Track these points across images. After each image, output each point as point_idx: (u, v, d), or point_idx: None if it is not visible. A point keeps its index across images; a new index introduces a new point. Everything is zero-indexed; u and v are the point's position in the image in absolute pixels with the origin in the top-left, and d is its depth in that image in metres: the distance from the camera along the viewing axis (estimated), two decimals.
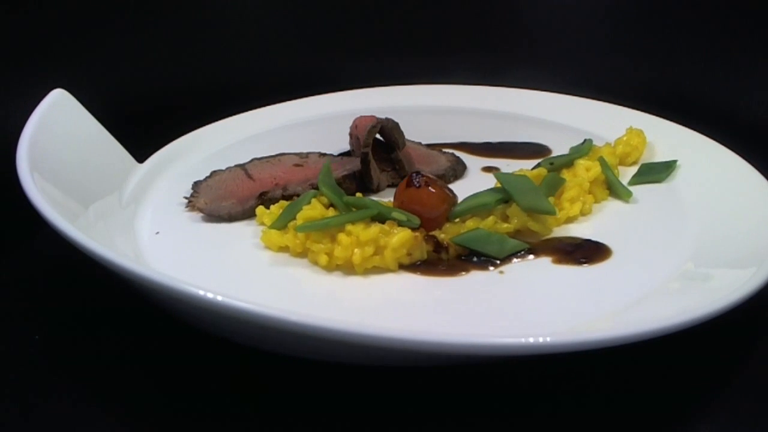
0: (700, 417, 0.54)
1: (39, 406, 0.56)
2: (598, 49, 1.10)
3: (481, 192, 0.72)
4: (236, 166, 0.84)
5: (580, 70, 1.08)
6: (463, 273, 0.65)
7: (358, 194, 0.74)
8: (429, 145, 0.91)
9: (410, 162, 0.84)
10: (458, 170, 0.84)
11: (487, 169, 0.86)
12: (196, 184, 0.80)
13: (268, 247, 0.68)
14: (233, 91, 0.99)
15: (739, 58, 0.99)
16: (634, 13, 1.08)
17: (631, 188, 0.79)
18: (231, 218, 0.74)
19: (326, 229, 0.65)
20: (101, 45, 0.95)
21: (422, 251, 0.65)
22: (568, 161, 0.80)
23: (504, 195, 0.70)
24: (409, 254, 0.65)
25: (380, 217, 0.67)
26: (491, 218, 0.69)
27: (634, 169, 0.84)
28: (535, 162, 0.84)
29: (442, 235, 0.67)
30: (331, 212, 0.68)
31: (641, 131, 0.89)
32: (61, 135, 0.73)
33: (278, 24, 1.11)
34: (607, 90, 0.99)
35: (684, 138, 0.89)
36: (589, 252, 0.68)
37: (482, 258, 0.66)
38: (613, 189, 0.79)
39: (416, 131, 0.91)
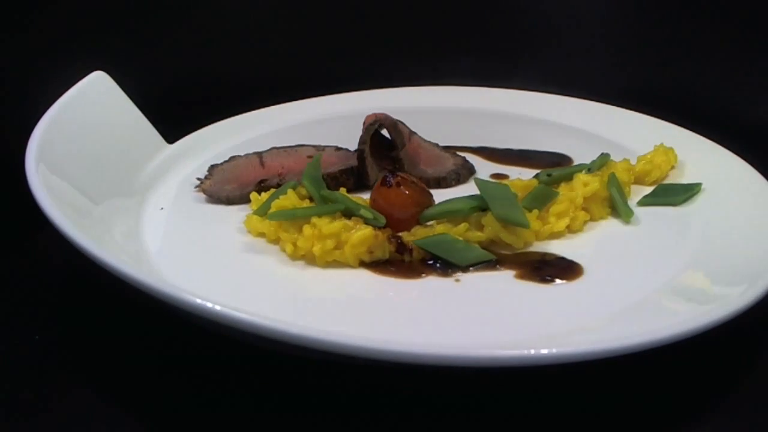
0: None
1: (39, 407, 0.56)
2: (621, 53, 1.07)
3: (458, 198, 0.71)
4: (254, 153, 0.89)
5: (602, 74, 1.04)
6: (422, 276, 0.65)
7: (342, 189, 0.76)
8: (446, 147, 0.91)
9: (413, 162, 0.84)
10: (462, 174, 0.83)
11: (497, 176, 0.85)
12: (212, 167, 0.85)
13: (249, 232, 0.73)
14: (269, 83, 1.04)
15: None
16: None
17: (644, 209, 0.75)
18: (229, 201, 0.79)
19: (293, 220, 0.68)
20: (154, 27, 1.04)
21: (384, 251, 0.66)
22: (567, 174, 0.77)
23: (481, 202, 0.69)
24: (370, 252, 0.66)
25: (348, 213, 0.69)
26: (463, 225, 0.68)
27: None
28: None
29: (408, 237, 0.67)
30: (306, 203, 0.71)
31: (671, 150, 0.84)
32: (91, 113, 0.80)
33: (316, 25, 1.15)
34: (632, 96, 0.96)
35: (718, 159, 0.82)
36: (558, 270, 0.65)
37: (445, 264, 0.66)
38: (615, 208, 0.75)
39: (437, 132, 0.91)
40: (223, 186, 0.81)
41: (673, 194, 0.77)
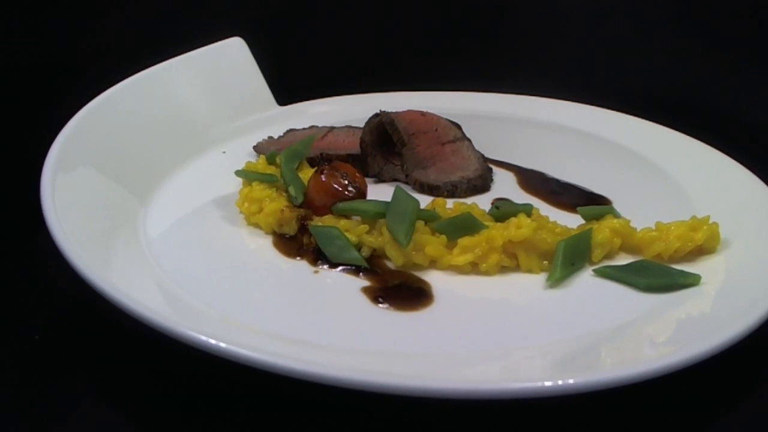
0: None
1: (39, 407, 0.56)
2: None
3: (375, 200, 0.70)
4: (327, 126, 0.97)
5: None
6: (296, 259, 0.68)
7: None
8: (490, 160, 0.86)
9: (418, 162, 0.83)
10: (461, 190, 0.80)
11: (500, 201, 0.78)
12: (289, 131, 0.96)
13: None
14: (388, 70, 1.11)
15: None
16: None
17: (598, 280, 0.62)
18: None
19: (246, 179, 0.77)
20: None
21: (291, 227, 0.71)
22: (514, 210, 0.67)
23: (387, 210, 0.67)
24: (280, 225, 0.71)
25: (284, 187, 0.75)
26: (363, 227, 0.68)
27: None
28: (562, 213, 0.73)
29: (312, 222, 0.70)
30: (271, 170, 0.79)
31: (709, 227, 0.65)
32: (217, 68, 1.00)
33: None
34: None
35: None
36: (400, 298, 0.61)
37: (321, 254, 0.67)
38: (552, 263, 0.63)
39: (501, 143, 0.90)
40: (268, 147, 0.90)
41: (645, 275, 0.61)
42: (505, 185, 0.83)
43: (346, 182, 0.72)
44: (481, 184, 0.81)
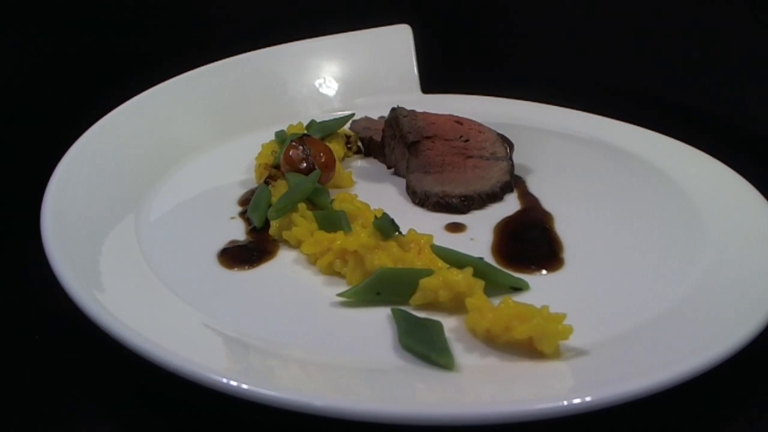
0: None
1: (39, 406, 0.56)
2: None
3: (301, 188, 0.72)
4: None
5: None
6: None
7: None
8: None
9: (421, 164, 0.81)
10: (452, 206, 0.76)
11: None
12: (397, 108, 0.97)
13: None
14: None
15: None
16: None
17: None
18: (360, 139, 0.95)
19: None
20: None
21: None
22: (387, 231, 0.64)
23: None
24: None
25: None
26: (303, 205, 0.71)
27: None
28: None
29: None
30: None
31: (552, 330, 0.53)
32: (372, 52, 1.09)
33: None
34: None
35: None
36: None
37: None
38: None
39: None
40: (366, 126, 0.96)
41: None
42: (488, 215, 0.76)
43: (302, 157, 0.78)
44: (457, 205, 0.76)
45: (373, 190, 0.82)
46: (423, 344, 0.53)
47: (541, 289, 0.63)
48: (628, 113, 0.95)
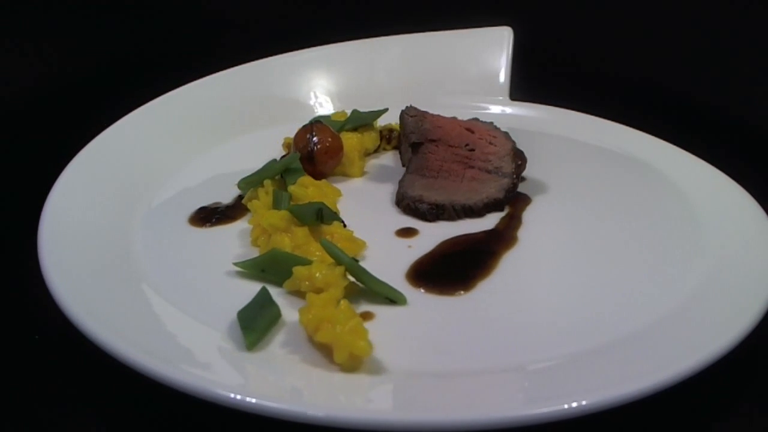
0: None
1: (39, 406, 0.56)
2: None
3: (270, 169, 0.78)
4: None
5: None
6: None
7: None
8: None
9: (418, 169, 0.81)
10: (405, 207, 0.76)
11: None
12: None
13: None
14: None
15: None
16: None
17: None
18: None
19: None
20: None
21: None
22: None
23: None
24: None
25: None
26: (272, 182, 0.77)
27: None
28: None
29: None
30: None
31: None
32: (467, 51, 1.07)
33: None
34: None
35: None
36: None
37: None
38: None
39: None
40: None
41: None
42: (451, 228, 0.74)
43: (307, 140, 0.83)
44: (424, 211, 0.75)
45: (372, 184, 0.84)
46: (245, 320, 0.57)
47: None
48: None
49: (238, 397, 0.49)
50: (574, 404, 0.50)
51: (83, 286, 0.61)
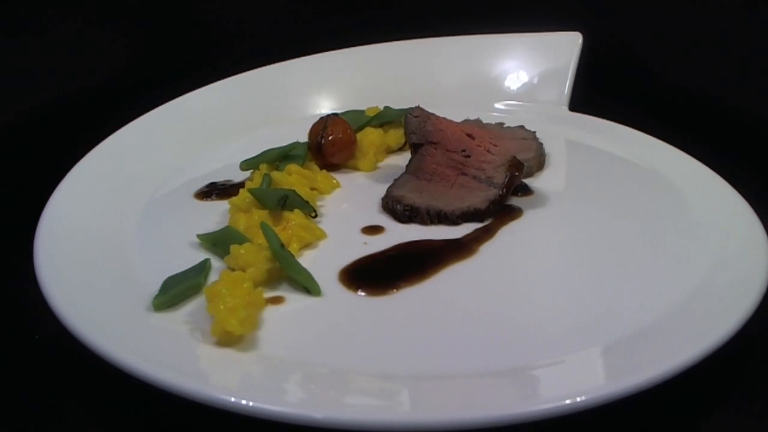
0: None
1: (39, 407, 0.56)
2: None
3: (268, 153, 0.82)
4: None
5: None
6: None
7: None
8: None
9: (415, 170, 0.81)
10: (384, 206, 0.77)
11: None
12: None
13: None
14: None
15: None
16: None
17: None
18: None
19: None
20: None
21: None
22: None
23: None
24: None
25: None
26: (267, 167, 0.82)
27: None
28: None
29: None
30: None
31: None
32: (534, 56, 1.04)
33: None
34: None
35: None
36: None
37: None
38: None
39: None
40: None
41: None
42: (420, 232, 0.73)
43: (320, 131, 0.86)
44: (398, 212, 0.75)
45: (377, 181, 0.85)
46: (166, 284, 0.62)
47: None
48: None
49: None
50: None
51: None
